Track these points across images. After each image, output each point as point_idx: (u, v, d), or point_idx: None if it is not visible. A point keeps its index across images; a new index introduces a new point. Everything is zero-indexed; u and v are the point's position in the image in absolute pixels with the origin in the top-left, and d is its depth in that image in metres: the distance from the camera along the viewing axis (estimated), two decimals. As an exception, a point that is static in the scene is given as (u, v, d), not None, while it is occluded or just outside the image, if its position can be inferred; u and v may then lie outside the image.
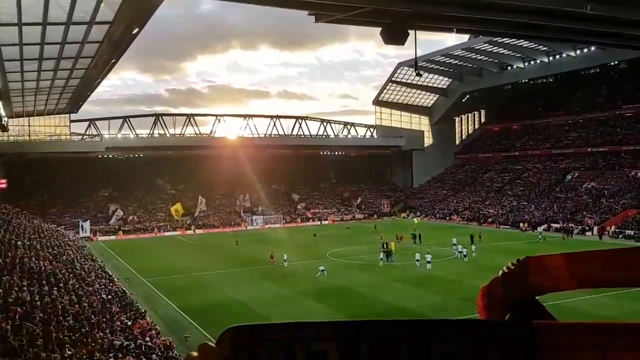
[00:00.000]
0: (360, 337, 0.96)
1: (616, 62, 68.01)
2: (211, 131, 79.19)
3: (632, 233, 49.68)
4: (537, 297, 1.37)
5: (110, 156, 73.01)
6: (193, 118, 77.72)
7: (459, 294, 27.52)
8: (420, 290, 30.46)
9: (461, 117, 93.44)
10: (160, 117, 75.99)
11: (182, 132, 76.61)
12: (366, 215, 76.37)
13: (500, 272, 1.38)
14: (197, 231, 65.70)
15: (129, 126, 73.14)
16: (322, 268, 35.15)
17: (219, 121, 79.08)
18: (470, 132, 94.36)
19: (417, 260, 37.91)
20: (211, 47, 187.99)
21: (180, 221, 67.71)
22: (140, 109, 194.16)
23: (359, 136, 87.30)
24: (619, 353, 0.87)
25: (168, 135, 75.53)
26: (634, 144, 65.25)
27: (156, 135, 74.52)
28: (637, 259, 1.15)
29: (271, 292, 31.08)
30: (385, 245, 43.93)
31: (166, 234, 64.43)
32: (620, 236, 50.04)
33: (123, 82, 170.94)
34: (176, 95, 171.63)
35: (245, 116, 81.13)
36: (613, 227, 52.49)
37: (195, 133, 77.69)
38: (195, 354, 1.00)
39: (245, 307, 27.57)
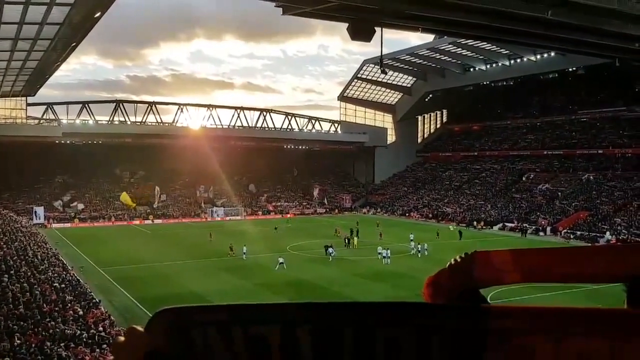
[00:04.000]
0: (302, 321, 0.91)
1: (574, 69, 70.10)
2: (173, 120, 78.06)
3: (582, 234, 51.45)
4: (480, 290, 1.45)
5: (68, 142, 71.02)
6: (155, 106, 76.36)
7: (417, 288, 27.93)
8: (379, 285, 30.87)
9: (424, 116, 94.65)
10: (120, 104, 74.32)
11: (143, 120, 75.16)
12: (327, 209, 76.72)
13: (448, 264, 1.45)
14: (156, 221, 64.73)
15: (88, 112, 71.32)
16: (281, 261, 35.27)
17: (182, 110, 77.97)
18: (432, 131, 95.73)
19: (379, 253, 38.48)
20: (175, 35, 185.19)
21: (138, 210, 66.55)
22: (100, 95, 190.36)
23: (323, 131, 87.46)
24: (573, 338, 0.87)
25: (128, 122, 73.92)
26: (587, 148, 67.48)
27: (116, 123, 72.83)
28: (582, 257, 1.18)
29: (229, 284, 30.98)
30: (347, 239, 44.79)
31: (123, 223, 63.25)
32: (572, 237, 51.73)
33: (83, 66, 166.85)
34: (138, 83, 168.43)
35: (208, 106, 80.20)
36: (567, 228, 54.23)
37: (157, 122, 76.38)
38: (122, 338, 0.94)
39: (202, 299, 27.38)
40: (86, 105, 71.72)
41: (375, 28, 24.23)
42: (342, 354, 0.89)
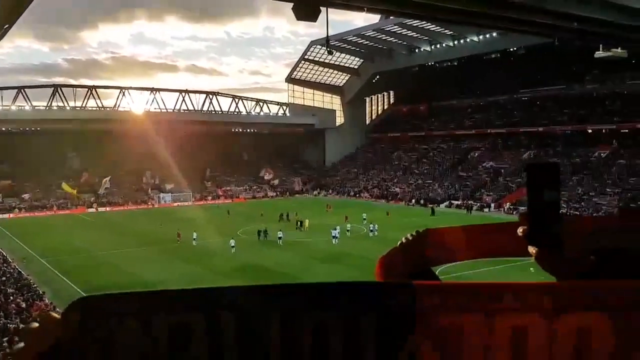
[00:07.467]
0: (226, 306, 0.89)
1: (515, 48, 71.78)
2: (115, 104, 75.65)
3: (525, 209, 53.24)
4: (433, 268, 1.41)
5: (3, 129, 67.84)
6: (95, 90, 73.70)
7: (370, 268, 28.21)
8: (331, 266, 31.06)
9: (372, 98, 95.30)
10: (59, 89, 71.35)
11: (84, 105, 72.51)
12: (278, 193, 76.51)
13: (399, 243, 1.36)
14: (100, 209, 62.94)
15: (24, 97, 68.16)
16: (232, 244, 35.38)
17: (124, 94, 75.60)
18: (380, 112, 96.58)
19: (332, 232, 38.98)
20: (114, 16, 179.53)
21: (81, 199, 64.55)
22: (37, 80, 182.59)
23: (271, 114, 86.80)
24: (505, 313, 0.87)
25: (68, 108, 71.17)
26: (529, 126, 69.70)
27: (54, 108, 69.98)
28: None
29: (182, 272, 30.45)
30: (299, 222, 45.04)
31: (66, 212, 61.17)
32: (514, 212, 53.52)
33: (17, 50, 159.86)
34: (76, 66, 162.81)
35: (152, 90, 78.09)
36: (508, 204, 56.14)
37: (98, 106, 73.86)
38: (35, 324, 0.90)
39: (152, 287, 26.75)
40: (22, 90, 68.46)
41: (321, 8, 24.08)
42: (268, 339, 0.88)
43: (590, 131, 63.60)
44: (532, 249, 1.02)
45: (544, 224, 0.99)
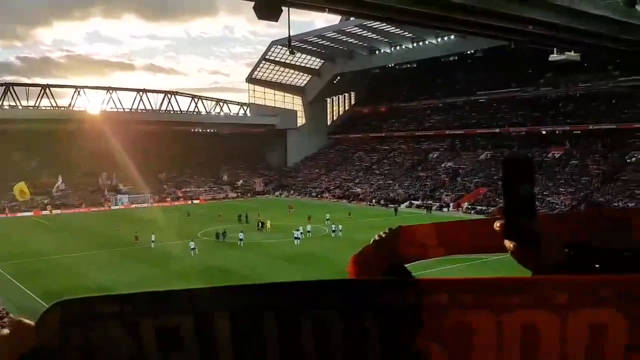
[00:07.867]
0: (218, 307, 0.83)
1: (472, 51, 73.29)
2: (70, 104, 73.61)
3: (482, 208, 54.49)
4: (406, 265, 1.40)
5: (-50, 129, 65.08)
6: (49, 89, 71.60)
7: (335, 268, 28.04)
8: (294, 267, 30.90)
9: (333, 98, 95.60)
10: (10, 87, 69.01)
11: (37, 105, 70.32)
12: (239, 194, 75.92)
13: (373, 240, 1.38)
14: (54, 211, 61.08)
15: (-28, 96, 65.65)
16: (192, 246, 34.71)
17: (79, 93, 73.63)
18: (341, 112, 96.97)
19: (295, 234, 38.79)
20: (68, 13, 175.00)
21: (34, 201, 62.44)
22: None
23: (231, 114, 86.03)
24: (516, 311, 0.83)
25: (20, 107, 68.87)
26: (486, 127, 71.22)
27: (6, 107, 67.59)
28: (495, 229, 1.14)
29: (141, 275, 29.78)
30: (260, 223, 44.79)
31: (19, 214, 59.11)
32: (472, 211, 54.61)
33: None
34: (29, 64, 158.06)
35: (108, 89, 76.29)
36: (466, 203, 57.22)
37: (52, 106, 71.70)
38: (6, 331, 0.83)
39: (111, 291, 26.06)
40: (-30, 88, 66.02)
41: (282, 8, 24.07)
42: (265, 341, 0.83)
43: (544, 132, 65.45)
44: (508, 244, 1.01)
45: (521, 218, 0.98)
